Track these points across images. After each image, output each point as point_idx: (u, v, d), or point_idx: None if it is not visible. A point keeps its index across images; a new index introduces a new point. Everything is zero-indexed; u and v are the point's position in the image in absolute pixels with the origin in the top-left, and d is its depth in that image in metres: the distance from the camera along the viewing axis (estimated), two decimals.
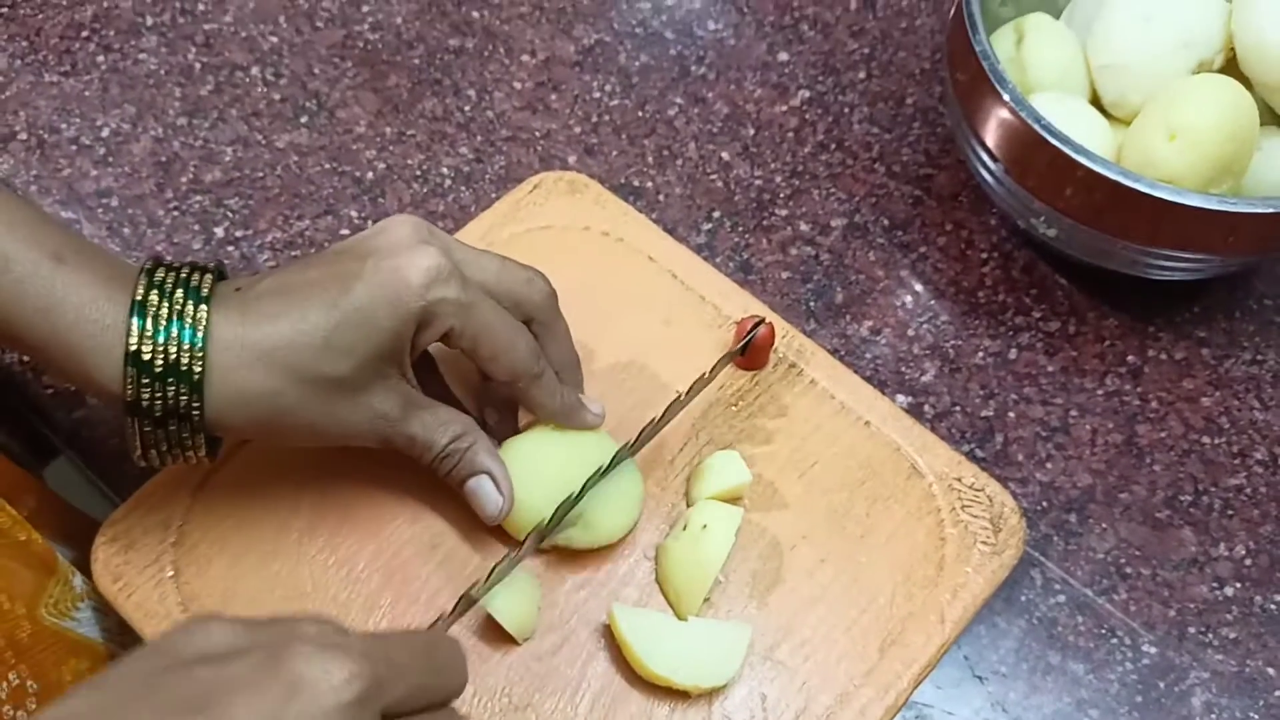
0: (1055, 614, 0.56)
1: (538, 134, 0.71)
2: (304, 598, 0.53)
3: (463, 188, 0.69)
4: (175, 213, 0.68)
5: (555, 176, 0.66)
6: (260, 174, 0.69)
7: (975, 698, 0.54)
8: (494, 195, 0.68)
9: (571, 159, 0.70)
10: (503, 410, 0.57)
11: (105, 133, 0.70)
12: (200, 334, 0.46)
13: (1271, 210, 0.55)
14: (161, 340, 0.45)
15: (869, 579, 0.55)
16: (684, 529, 0.54)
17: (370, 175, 0.69)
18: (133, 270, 0.47)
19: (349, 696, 0.34)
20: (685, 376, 0.58)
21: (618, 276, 0.63)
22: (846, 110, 0.73)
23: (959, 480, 0.57)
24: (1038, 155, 0.58)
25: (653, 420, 0.56)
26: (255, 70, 0.73)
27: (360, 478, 0.56)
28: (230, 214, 0.67)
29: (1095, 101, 0.65)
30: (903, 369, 0.63)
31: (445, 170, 0.70)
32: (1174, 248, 0.58)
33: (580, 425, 0.55)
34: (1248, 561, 0.58)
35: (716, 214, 0.69)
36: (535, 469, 0.53)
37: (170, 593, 0.53)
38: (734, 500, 0.56)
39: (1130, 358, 0.64)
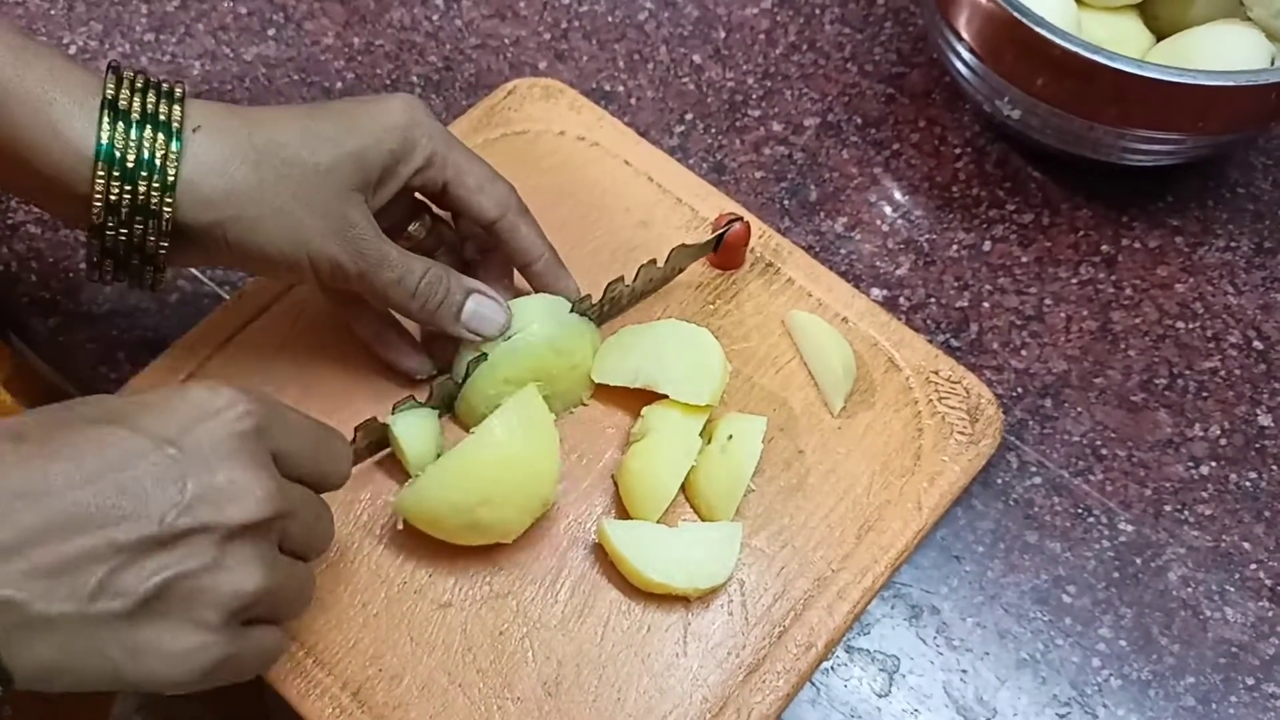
0: (1032, 495, 0.57)
1: (507, 41, 0.71)
2: None
3: (433, 95, 0.68)
4: None
5: (529, 82, 0.66)
6: (229, 87, 0.68)
7: (953, 576, 0.54)
8: (465, 103, 0.68)
9: (542, 65, 0.70)
10: None
11: (72, 50, 0.69)
12: (176, 132, 0.45)
13: (1246, 84, 0.54)
14: (135, 137, 0.44)
15: (846, 469, 0.55)
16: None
17: (339, 85, 0.69)
18: (94, 72, 0.45)
19: (247, 426, 0.39)
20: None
21: (594, 181, 0.63)
22: (818, 11, 0.73)
23: (936, 373, 0.57)
24: (1011, 38, 0.57)
25: (619, 279, 0.56)
26: None
27: (355, 363, 0.56)
28: None
29: None
30: (878, 263, 0.63)
31: (415, 79, 0.69)
32: (1146, 127, 0.58)
33: (556, 284, 0.55)
34: (1222, 441, 0.58)
35: (689, 116, 0.68)
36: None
37: None
38: None
39: (1104, 247, 0.64)
